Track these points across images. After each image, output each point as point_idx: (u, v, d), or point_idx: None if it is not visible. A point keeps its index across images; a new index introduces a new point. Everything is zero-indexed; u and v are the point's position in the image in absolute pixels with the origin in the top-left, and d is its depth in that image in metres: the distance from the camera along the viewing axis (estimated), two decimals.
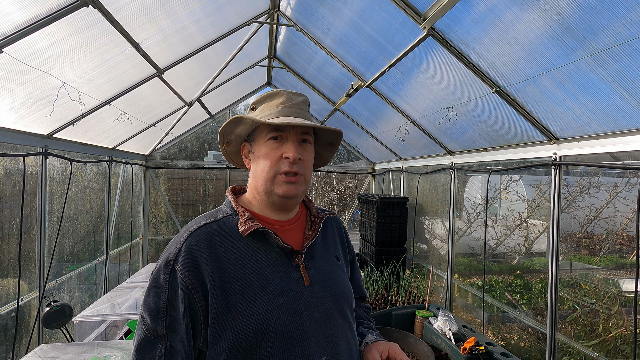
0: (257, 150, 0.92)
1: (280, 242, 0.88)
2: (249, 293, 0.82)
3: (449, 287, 3.62)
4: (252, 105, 0.96)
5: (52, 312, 2.43)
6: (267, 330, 0.80)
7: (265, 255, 0.87)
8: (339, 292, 0.94)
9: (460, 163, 3.40)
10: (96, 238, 3.94)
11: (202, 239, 0.85)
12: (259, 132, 0.92)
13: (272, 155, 0.89)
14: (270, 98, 0.94)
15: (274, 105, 0.92)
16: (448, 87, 2.60)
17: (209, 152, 5.52)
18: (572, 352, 2.51)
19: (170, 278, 0.81)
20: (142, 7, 2.19)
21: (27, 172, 2.52)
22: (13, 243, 2.61)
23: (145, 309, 0.81)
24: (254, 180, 0.94)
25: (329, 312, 0.89)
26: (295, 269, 0.89)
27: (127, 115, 3.35)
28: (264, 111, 0.92)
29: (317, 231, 0.96)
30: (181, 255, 0.82)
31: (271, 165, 0.88)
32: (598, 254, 5.76)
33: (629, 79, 1.58)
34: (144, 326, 0.80)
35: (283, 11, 3.36)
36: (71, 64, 2.22)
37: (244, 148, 0.97)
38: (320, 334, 0.86)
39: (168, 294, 0.80)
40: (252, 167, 0.94)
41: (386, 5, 2.26)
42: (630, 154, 1.88)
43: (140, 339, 0.80)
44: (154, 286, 0.82)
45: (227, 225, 0.89)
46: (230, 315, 0.80)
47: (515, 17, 1.73)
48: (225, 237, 0.87)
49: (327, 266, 0.95)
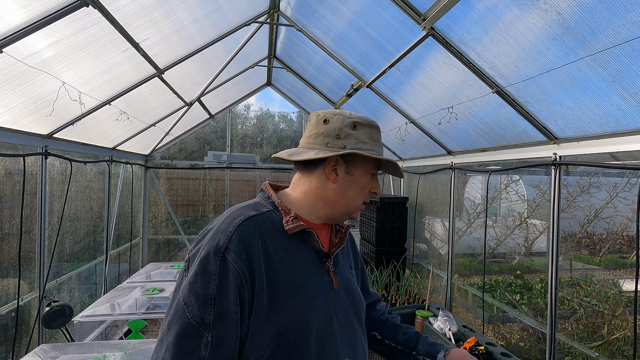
0: (357, 177, 0.95)
1: (319, 244, 0.92)
2: (291, 290, 0.84)
3: (449, 287, 3.62)
4: (354, 123, 0.93)
5: (52, 312, 2.43)
6: (306, 328, 0.83)
7: (303, 254, 0.90)
8: (357, 299, 0.99)
9: (460, 163, 3.40)
10: (96, 238, 3.94)
11: (253, 230, 0.85)
12: (364, 162, 0.95)
13: (367, 187, 0.97)
14: (371, 129, 0.96)
15: (379, 142, 0.97)
16: (448, 87, 2.60)
17: (209, 152, 5.52)
18: (574, 352, 2.50)
19: (221, 266, 0.79)
20: (141, 7, 2.19)
21: (27, 172, 2.52)
22: (13, 243, 2.61)
23: (191, 295, 0.78)
24: (333, 196, 0.94)
25: (350, 317, 0.94)
26: (326, 272, 0.93)
27: (127, 115, 3.36)
28: (369, 140, 0.94)
29: (343, 241, 1.00)
30: (233, 244, 0.81)
31: (364, 195, 0.97)
32: (598, 254, 5.76)
33: (629, 79, 1.58)
34: (188, 313, 0.77)
35: (283, 11, 3.36)
36: (71, 64, 2.22)
37: (332, 160, 0.94)
38: (343, 336, 0.90)
39: (218, 281, 0.78)
40: (340, 186, 0.94)
41: (386, 5, 2.26)
42: (630, 154, 1.88)
43: (182, 326, 0.77)
44: (202, 273, 0.79)
45: (272, 220, 0.90)
46: (273, 309, 0.81)
47: (515, 17, 1.73)
48: (271, 231, 0.88)
49: (346, 273, 1.01)
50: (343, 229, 1.03)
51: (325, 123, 0.94)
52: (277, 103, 13.60)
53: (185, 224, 5.72)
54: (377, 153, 0.93)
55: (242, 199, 5.88)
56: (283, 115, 6.25)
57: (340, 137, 0.92)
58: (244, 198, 5.90)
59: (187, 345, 0.76)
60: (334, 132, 0.92)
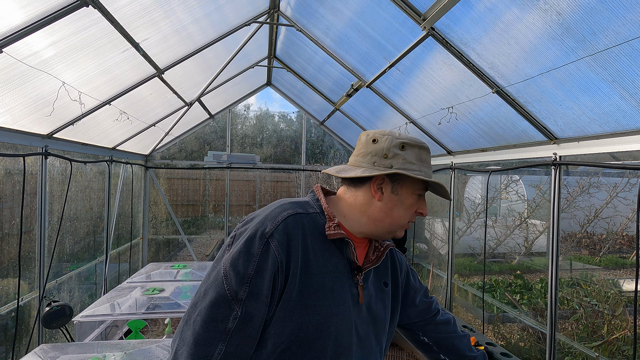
0: (403, 197, 0.96)
1: (354, 256, 0.94)
2: (321, 291, 0.87)
3: (449, 287, 3.62)
4: (403, 143, 0.95)
5: (52, 312, 2.43)
6: (326, 331, 0.86)
7: (337, 262, 0.93)
8: (379, 318, 1.00)
9: (460, 163, 3.40)
10: (96, 238, 3.94)
11: (298, 225, 0.89)
12: (411, 182, 0.96)
13: (413, 208, 0.97)
14: (420, 150, 0.96)
15: (427, 164, 0.97)
16: (448, 87, 2.60)
17: (209, 152, 5.52)
18: (574, 352, 2.50)
19: (263, 249, 0.84)
20: (141, 7, 2.19)
21: (27, 172, 2.52)
22: (13, 243, 2.61)
23: (231, 269, 0.83)
24: (378, 214, 0.96)
25: (368, 334, 0.96)
26: (354, 284, 0.95)
27: (127, 115, 3.36)
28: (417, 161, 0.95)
29: (379, 260, 1.01)
30: (278, 232, 0.86)
31: (410, 215, 0.97)
32: (598, 254, 5.76)
33: (629, 79, 1.58)
34: (226, 285, 0.82)
35: (283, 11, 3.36)
36: (71, 64, 2.22)
37: (378, 179, 0.95)
38: (359, 350, 0.93)
39: (257, 264, 0.83)
40: (386, 204, 0.96)
41: (386, 5, 2.26)
42: (630, 154, 1.88)
43: (218, 295, 0.82)
44: (246, 252, 0.84)
45: (316, 222, 0.93)
46: (300, 304, 0.84)
47: (515, 17, 1.73)
48: (313, 232, 0.91)
49: (374, 290, 1.01)
50: (382, 247, 1.03)
51: (374, 142, 0.96)
52: (277, 103, 13.59)
53: (185, 224, 5.72)
54: (424, 174, 0.94)
55: (242, 199, 5.88)
56: (283, 115, 6.25)
57: (387, 157, 0.94)
58: (244, 198, 5.90)
59: (218, 313, 0.81)
60: (382, 152, 0.94)
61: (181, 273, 3.35)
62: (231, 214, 5.78)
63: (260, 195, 5.97)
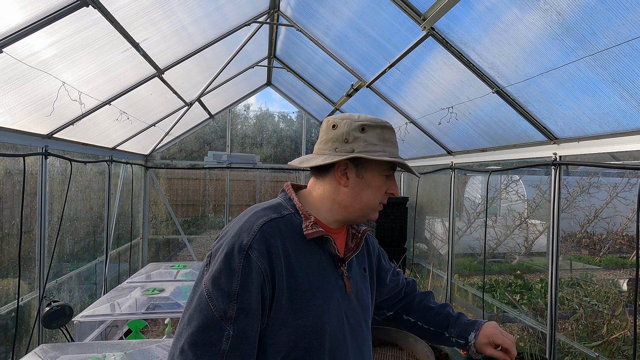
0: (370, 180, 0.94)
1: (335, 250, 0.94)
2: (309, 292, 0.86)
3: (449, 287, 3.62)
4: (362, 125, 0.93)
5: (52, 312, 2.42)
6: (321, 330, 0.86)
7: (320, 258, 0.92)
8: (366, 304, 1.01)
9: (460, 163, 3.40)
10: (96, 238, 3.94)
11: (275, 231, 0.87)
12: (376, 164, 0.94)
13: (382, 189, 0.96)
14: (382, 130, 0.94)
15: (391, 142, 0.96)
16: (448, 87, 2.60)
17: (209, 152, 5.52)
18: (574, 352, 2.50)
19: (244, 263, 0.81)
20: (141, 7, 2.19)
21: (27, 172, 2.51)
22: (13, 243, 2.61)
23: (214, 289, 0.80)
24: (346, 200, 0.95)
25: (359, 322, 0.97)
26: (340, 276, 0.95)
27: (127, 115, 3.35)
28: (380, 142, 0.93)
29: (359, 246, 1.01)
30: (256, 242, 0.83)
31: (380, 196, 0.96)
32: (598, 254, 5.76)
33: (629, 79, 1.58)
34: (212, 306, 0.79)
35: (283, 11, 3.36)
36: (71, 64, 2.22)
37: (341, 165, 0.94)
38: (353, 340, 0.93)
39: (241, 278, 0.80)
40: (352, 189, 0.95)
41: (386, 5, 2.26)
42: (630, 154, 1.88)
43: (206, 318, 0.79)
44: (227, 268, 0.81)
45: (292, 223, 0.92)
46: (291, 310, 0.83)
47: (515, 17, 1.73)
48: (291, 234, 0.90)
49: (358, 278, 1.02)
50: (359, 234, 1.04)
51: (334, 128, 0.95)
52: (277, 103, 13.57)
53: (185, 224, 5.72)
54: (388, 154, 0.92)
55: (242, 199, 5.87)
56: (283, 115, 6.25)
57: (348, 141, 0.92)
58: (244, 198, 5.90)
59: (209, 337, 0.78)
60: (342, 137, 0.93)
61: (181, 273, 3.35)
62: (231, 214, 5.78)
63: (260, 195, 5.97)
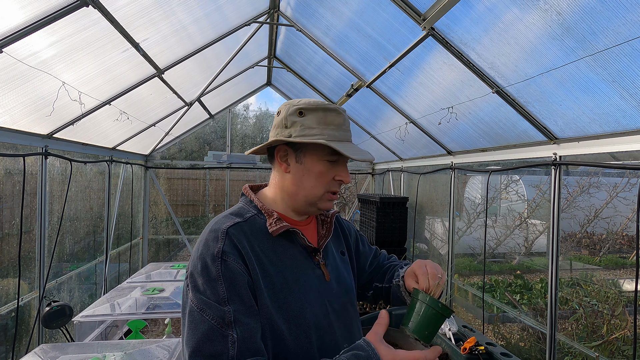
0: (310, 165, 0.91)
1: (305, 241, 0.93)
2: (286, 288, 0.87)
3: (449, 287, 3.62)
4: (299, 109, 0.90)
5: (52, 312, 2.43)
6: (304, 322, 0.86)
7: (292, 253, 0.92)
8: (349, 286, 1.02)
9: (460, 163, 3.40)
10: (96, 238, 3.94)
11: (240, 235, 0.87)
12: (315, 149, 0.91)
13: (327, 175, 0.92)
14: (325, 113, 0.90)
15: (335, 125, 0.91)
16: (448, 87, 2.60)
17: (209, 152, 5.52)
18: (574, 352, 2.50)
19: (222, 269, 0.81)
20: (141, 7, 2.19)
21: (27, 172, 2.51)
22: (13, 243, 2.61)
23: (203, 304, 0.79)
24: (294, 189, 0.93)
25: (344, 304, 0.98)
26: (316, 266, 0.95)
27: (127, 115, 3.35)
28: (320, 127, 0.89)
29: (330, 231, 1.01)
30: (227, 247, 0.83)
31: (324, 184, 0.92)
32: (598, 254, 5.76)
33: (629, 79, 1.58)
34: (207, 317, 0.78)
35: (283, 11, 3.36)
36: (71, 64, 2.22)
37: (281, 150, 0.93)
38: (340, 323, 0.94)
39: (225, 284, 0.80)
40: (294, 175, 0.93)
41: (386, 5, 2.26)
42: (630, 154, 1.88)
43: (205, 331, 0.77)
44: (208, 280, 0.80)
45: (257, 224, 0.91)
46: (273, 308, 0.84)
47: (515, 17, 1.72)
48: (257, 235, 0.90)
49: (337, 262, 1.03)
50: (328, 218, 1.04)
51: (278, 115, 0.95)
52: (276, 103, 13.59)
53: (185, 224, 5.72)
54: (328, 137, 0.88)
55: None
56: None
57: (287, 126, 0.90)
58: None
59: (212, 349, 0.75)
60: (282, 122, 0.91)
61: (181, 273, 3.35)
62: None
63: None
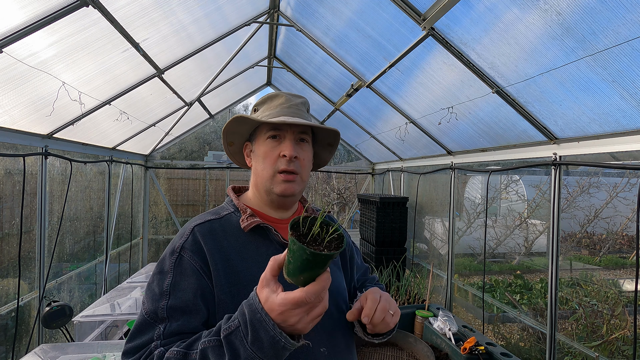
0: (257, 149, 0.96)
1: (280, 238, 0.92)
2: (250, 285, 0.84)
3: (449, 287, 3.62)
4: (254, 107, 1.00)
5: (52, 312, 2.43)
6: None
7: (267, 250, 0.90)
8: (334, 288, 0.97)
9: (460, 163, 3.40)
10: (96, 238, 3.94)
11: (207, 231, 0.89)
12: (259, 132, 0.96)
13: (271, 154, 0.93)
14: (270, 100, 0.98)
15: (274, 106, 0.97)
16: (448, 87, 2.60)
17: (209, 152, 5.51)
18: (574, 352, 2.50)
19: (176, 264, 0.83)
20: (141, 7, 2.19)
21: (27, 172, 2.51)
22: (13, 243, 2.61)
23: (147, 294, 0.83)
24: (255, 179, 0.98)
25: None
26: None
27: (127, 115, 3.35)
28: (264, 112, 0.97)
29: None
30: (188, 243, 0.86)
31: (270, 163, 0.92)
32: (598, 254, 5.76)
33: (629, 79, 1.58)
34: (142, 310, 0.81)
35: (283, 11, 3.36)
36: (71, 64, 2.22)
37: (246, 147, 1.01)
38: (318, 326, 0.88)
39: (172, 279, 0.82)
40: (253, 165, 0.98)
41: (386, 5, 2.26)
42: (630, 154, 1.88)
43: (138, 323, 0.81)
44: (159, 272, 0.84)
45: (230, 221, 0.93)
46: (232, 304, 0.82)
47: (515, 17, 1.72)
48: (228, 232, 0.90)
49: None
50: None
51: None
52: None
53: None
54: (268, 117, 0.93)
55: None
56: None
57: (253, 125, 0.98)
58: None
59: (141, 339, 0.78)
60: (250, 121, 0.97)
61: None
62: None
63: None
